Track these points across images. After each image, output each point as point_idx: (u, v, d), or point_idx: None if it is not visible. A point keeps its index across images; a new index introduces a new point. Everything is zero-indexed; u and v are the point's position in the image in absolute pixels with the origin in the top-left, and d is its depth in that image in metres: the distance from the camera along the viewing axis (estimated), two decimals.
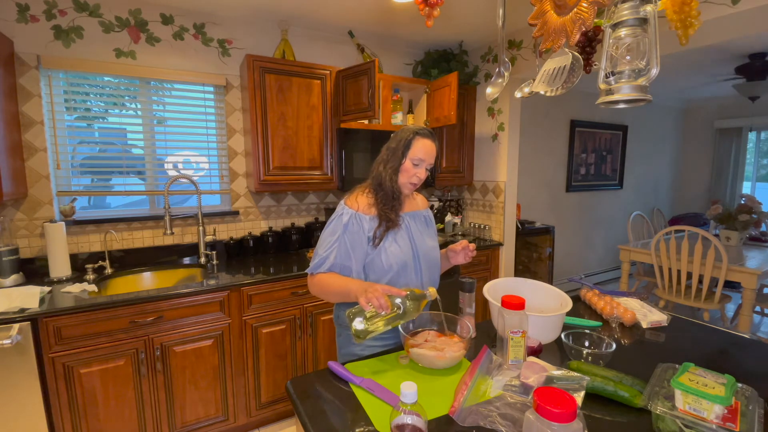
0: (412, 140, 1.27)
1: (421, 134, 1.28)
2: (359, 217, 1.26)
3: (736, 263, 2.85)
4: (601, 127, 4.72)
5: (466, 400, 0.90)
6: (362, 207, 1.28)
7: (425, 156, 1.27)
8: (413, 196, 1.46)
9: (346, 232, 1.24)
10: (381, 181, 1.29)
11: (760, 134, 5.19)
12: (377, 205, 1.28)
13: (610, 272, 5.20)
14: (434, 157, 1.31)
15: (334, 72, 2.44)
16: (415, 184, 1.30)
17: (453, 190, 3.39)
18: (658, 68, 0.82)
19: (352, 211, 1.26)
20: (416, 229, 1.36)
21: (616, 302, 1.45)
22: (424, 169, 1.29)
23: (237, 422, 2.09)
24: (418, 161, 1.27)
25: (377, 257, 1.25)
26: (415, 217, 1.39)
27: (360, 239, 1.25)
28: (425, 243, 1.36)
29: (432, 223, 1.47)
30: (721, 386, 0.77)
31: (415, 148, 1.26)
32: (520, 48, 2.66)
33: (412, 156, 1.26)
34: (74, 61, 2.07)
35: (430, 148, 1.28)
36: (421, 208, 1.46)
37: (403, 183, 1.29)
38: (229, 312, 2.00)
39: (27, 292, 1.74)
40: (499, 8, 1.12)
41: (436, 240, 1.43)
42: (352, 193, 1.34)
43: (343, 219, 1.26)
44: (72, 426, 1.71)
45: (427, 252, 1.35)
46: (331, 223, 1.28)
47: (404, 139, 1.28)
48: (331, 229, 1.27)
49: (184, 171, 2.46)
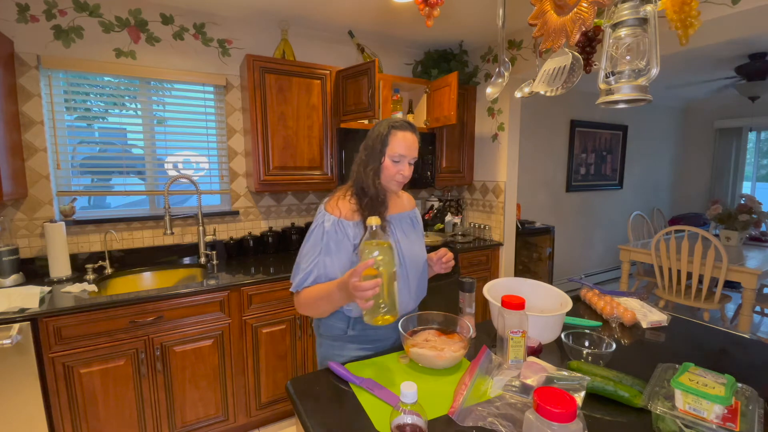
0: (388, 135, 1.16)
1: (398, 127, 1.17)
2: (343, 224, 1.16)
3: (736, 263, 2.85)
4: (601, 127, 4.72)
5: (465, 400, 0.90)
6: (345, 213, 1.17)
7: (405, 151, 1.16)
8: (398, 194, 1.35)
9: (330, 241, 1.14)
10: (363, 185, 1.19)
11: (760, 134, 5.19)
12: (362, 212, 1.17)
13: (610, 272, 5.20)
14: (416, 150, 1.19)
15: (334, 72, 2.44)
16: (400, 182, 1.20)
17: (453, 190, 3.39)
18: (658, 68, 0.82)
19: (335, 218, 1.16)
20: (402, 234, 1.27)
21: (616, 302, 1.45)
22: (407, 165, 1.19)
23: (237, 422, 2.09)
24: (399, 157, 1.16)
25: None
26: (401, 220, 1.29)
27: (345, 248, 1.15)
28: (412, 249, 1.27)
29: (419, 225, 1.37)
30: (721, 386, 0.77)
31: (393, 143, 1.16)
32: (520, 48, 2.66)
33: (391, 153, 1.16)
34: (74, 61, 2.07)
35: (410, 141, 1.17)
36: (407, 209, 1.36)
37: (387, 183, 1.20)
38: (229, 312, 2.00)
39: (27, 292, 1.74)
40: (499, 8, 1.12)
41: (422, 243, 1.35)
42: (332, 197, 1.22)
43: (325, 227, 1.15)
44: (72, 426, 1.71)
45: (413, 258, 1.26)
46: (312, 233, 1.18)
47: (380, 135, 1.17)
48: (314, 241, 1.16)
49: (184, 171, 2.46)
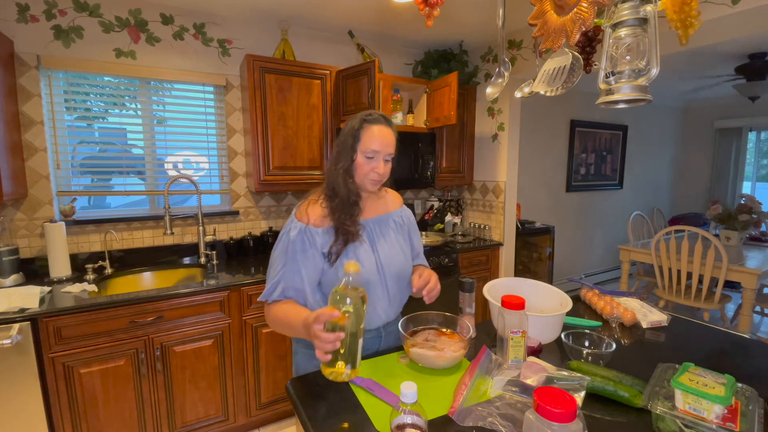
0: (361, 130, 1.08)
1: (371, 120, 1.09)
2: (310, 232, 1.08)
3: (736, 263, 2.85)
4: (601, 127, 4.72)
5: (465, 400, 0.90)
6: (313, 219, 1.09)
7: (380, 146, 1.08)
8: (380, 194, 1.26)
9: (296, 251, 1.07)
10: (334, 185, 1.11)
11: (760, 134, 5.20)
12: (332, 216, 1.10)
13: (610, 272, 5.20)
14: (393, 146, 1.11)
15: (334, 72, 2.44)
16: (376, 180, 1.11)
17: (453, 190, 3.39)
18: (658, 68, 0.82)
19: (302, 225, 1.08)
20: (382, 239, 1.17)
21: (616, 302, 1.45)
22: (381, 162, 1.10)
23: (237, 422, 2.09)
24: (372, 153, 1.08)
25: (335, 276, 1.08)
26: (381, 224, 1.20)
27: (312, 257, 1.08)
28: (392, 255, 1.17)
29: (404, 227, 1.27)
30: (721, 386, 0.77)
31: (366, 138, 1.07)
32: (520, 48, 2.66)
33: (363, 148, 1.08)
34: (74, 61, 2.07)
35: (385, 136, 1.08)
36: (391, 210, 1.25)
37: (361, 182, 1.11)
38: (229, 312, 2.00)
39: (27, 292, 1.73)
40: (499, 8, 1.12)
41: (407, 249, 1.25)
42: (304, 201, 1.15)
43: (290, 236, 1.08)
44: (72, 426, 1.71)
45: (393, 265, 1.16)
46: (279, 242, 1.11)
47: (352, 129, 1.09)
48: (281, 249, 1.09)
49: (184, 171, 2.46)
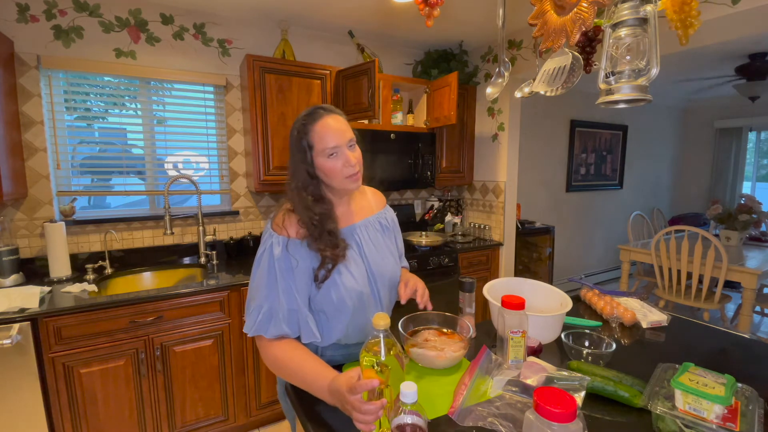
0: (308, 134, 0.96)
1: (310, 120, 0.97)
2: (295, 245, 0.97)
3: (736, 263, 2.84)
4: (601, 127, 4.72)
5: (465, 400, 0.90)
6: (293, 232, 0.98)
7: (336, 139, 0.95)
8: (360, 193, 1.16)
9: (284, 268, 0.95)
10: (299, 211, 0.97)
11: (760, 134, 5.20)
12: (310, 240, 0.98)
13: (610, 272, 5.20)
14: (350, 131, 0.99)
15: (334, 72, 2.44)
16: (354, 173, 0.99)
17: (453, 190, 3.39)
18: (658, 68, 0.82)
19: (283, 239, 0.97)
20: (371, 244, 1.08)
21: (616, 302, 1.45)
22: (347, 151, 0.97)
23: (237, 422, 2.09)
24: (333, 149, 0.96)
25: (326, 293, 0.99)
26: (368, 227, 1.11)
27: (302, 271, 0.97)
28: (383, 263, 1.09)
29: (389, 228, 1.18)
30: (721, 386, 0.77)
31: (316, 139, 0.95)
32: (520, 48, 2.66)
33: (321, 150, 0.96)
34: (74, 61, 2.07)
35: (335, 125, 0.96)
36: (375, 211, 1.16)
37: (340, 184, 0.99)
38: (229, 312, 2.00)
39: (27, 292, 1.73)
40: (499, 8, 1.12)
41: (395, 251, 1.17)
42: (279, 213, 1.02)
43: (274, 254, 0.95)
44: (72, 426, 1.71)
45: (385, 273, 1.09)
46: (260, 261, 0.97)
47: (297, 137, 0.97)
48: (265, 269, 0.95)
49: (184, 171, 2.46)
